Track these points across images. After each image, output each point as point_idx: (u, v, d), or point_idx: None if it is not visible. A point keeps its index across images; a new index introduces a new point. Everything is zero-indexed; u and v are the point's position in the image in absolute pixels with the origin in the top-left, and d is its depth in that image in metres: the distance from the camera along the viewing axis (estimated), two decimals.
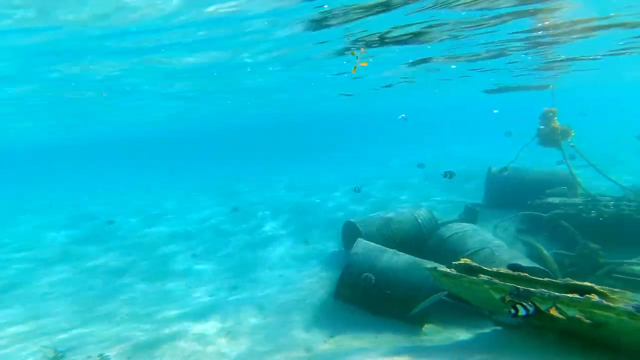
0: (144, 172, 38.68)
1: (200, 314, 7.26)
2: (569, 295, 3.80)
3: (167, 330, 6.70)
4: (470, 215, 9.63)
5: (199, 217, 15.31)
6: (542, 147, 10.02)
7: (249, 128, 66.03)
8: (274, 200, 17.66)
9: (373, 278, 6.46)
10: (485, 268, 4.87)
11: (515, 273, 4.62)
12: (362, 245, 7.06)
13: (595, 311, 3.61)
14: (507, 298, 4.49)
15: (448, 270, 5.20)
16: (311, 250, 10.47)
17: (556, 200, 8.93)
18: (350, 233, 9.19)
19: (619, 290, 5.17)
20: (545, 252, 7.75)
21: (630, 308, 3.33)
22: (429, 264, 6.22)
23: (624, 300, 3.89)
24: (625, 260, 6.94)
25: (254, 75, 15.32)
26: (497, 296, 4.61)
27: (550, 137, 9.63)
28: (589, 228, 7.96)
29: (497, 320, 5.56)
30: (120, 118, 26.18)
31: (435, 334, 5.99)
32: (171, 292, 8.56)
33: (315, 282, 8.22)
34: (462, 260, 5.19)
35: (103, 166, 52.73)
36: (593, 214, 8.06)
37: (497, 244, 7.42)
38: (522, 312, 3.82)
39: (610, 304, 3.51)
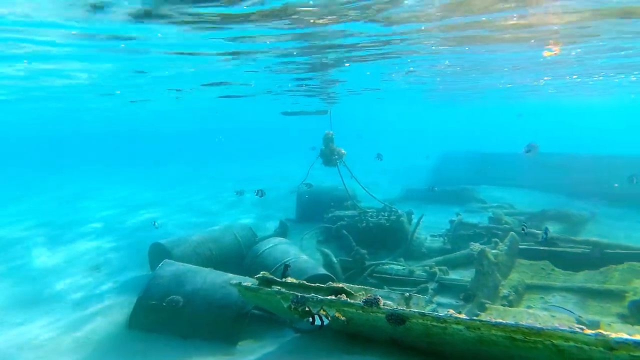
0: None
1: None
2: (329, 297, 4.73)
3: None
4: (283, 229, 10.48)
5: None
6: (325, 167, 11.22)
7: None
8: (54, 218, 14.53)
9: (181, 300, 6.14)
10: (277, 279, 5.47)
11: (299, 282, 5.39)
12: (169, 266, 6.66)
13: (344, 308, 4.62)
14: (292, 306, 5.16)
15: (249, 284, 5.54)
16: (104, 278, 9.06)
17: (341, 213, 10.79)
18: (161, 255, 8.46)
19: (368, 288, 6.77)
20: (333, 259, 8.99)
21: (361, 303, 4.44)
22: (239, 280, 6.39)
23: (364, 297, 5.08)
24: (379, 262, 9.02)
25: None
26: (285, 305, 5.22)
27: (329, 158, 10.91)
28: (362, 236, 9.73)
29: (295, 328, 6.20)
30: None
31: (248, 350, 5.99)
32: None
33: (103, 314, 7.10)
34: (262, 274, 5.63)
35: None
36: (363, 224, 10.19)
37: (301, 256, 8.28)
38: (317, 322, 4.19)
39: (351, 301, 4.56)
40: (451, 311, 3.82)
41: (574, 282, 6.31)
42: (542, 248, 7.59)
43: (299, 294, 4.96)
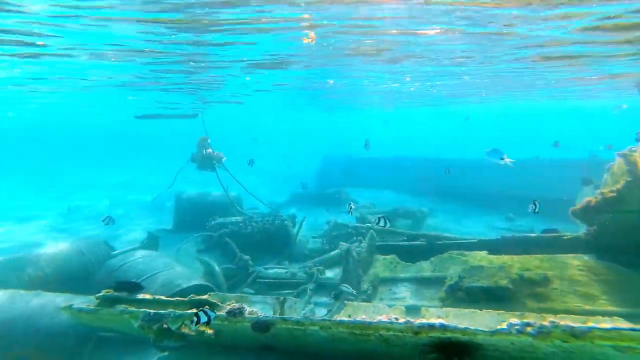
0: None
1: None
2: (190, 311, 4.10)
3: None
4: (152, 241, 9.16)
5: None
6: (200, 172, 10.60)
7: None
8: None
9: None
10: (125, 296, 4.52)
11: (153, 297, 4.54)
12: None
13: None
14: (144, 325, 4.31)
15: (84, 305, 4.44)
16: None
17: (224, 220, 10.08)
18: None
19: (245, 295, 6.31)
20: (216, 268, 8.25)
21: (224, 314, 3.96)
22: (71, 302, 5.09)
23: (235, 304, 4.58)
24: (263, 267, 8.66)
25: None
26: (136, 324, 4.34)
27: (205, 162, 10.37)
28: (248, 241, 9.25)
29: (161, 346, 5.31)
30: None
31: None
32: None
33: None
34: (103, 292, 4.61)
35: None
36: (249, 230, 9.70)
37: (173, 267, 7.30)
38: (203, 318, 3.74)
39: (217, 313, 4.03)
40: (309, 314, 3.69)
41: (411, 272, 7.00)
42: (391, 243, 8.28)
43: (152, 310, 4.16)
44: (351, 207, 6.19)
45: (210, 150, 10.15)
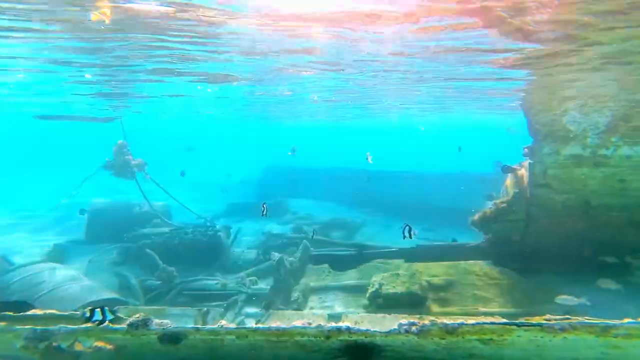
0: None
1: None
2: (84, 326, 3.69)
3: None
4: (58, 253, 8.24)
5: None
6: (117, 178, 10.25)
7: None
8: None
9: None
10: (9, 313, 3.93)
11: (43, 312, 4.01)
12: None
13: (106, 336, 3.68)
14: (28, 344, 3.78)
15: None
16: None
17: (147, 231, 9.45)
18: None
19: (160, 308, 5.90)
20: (132, 280, 7.79)
21: (124, 327, 3.64)
22: None
23: (139, 315, 4.21)
24: (191, 278, 8.21)
25: None
26: (18, 344, 3.78)
27: (122, 169, 10.01)
28: (176, 253, 8.80)
29: None
30: None
31: None
32: None
33: None
34: None
35: None
36: (176, 241, 9.18)
37: (77, 281, 6.65)
38: (97, 316, 3.52)
39: (112, 326, 3.67)
40: (223, 322, 3.56)
41: (340, 281, 7.23)
42: (324, 253, 8.39)
43: (39, 327, 3.66)
44: (264, 208, 6.21)
45: (130, 157, 9.51)
